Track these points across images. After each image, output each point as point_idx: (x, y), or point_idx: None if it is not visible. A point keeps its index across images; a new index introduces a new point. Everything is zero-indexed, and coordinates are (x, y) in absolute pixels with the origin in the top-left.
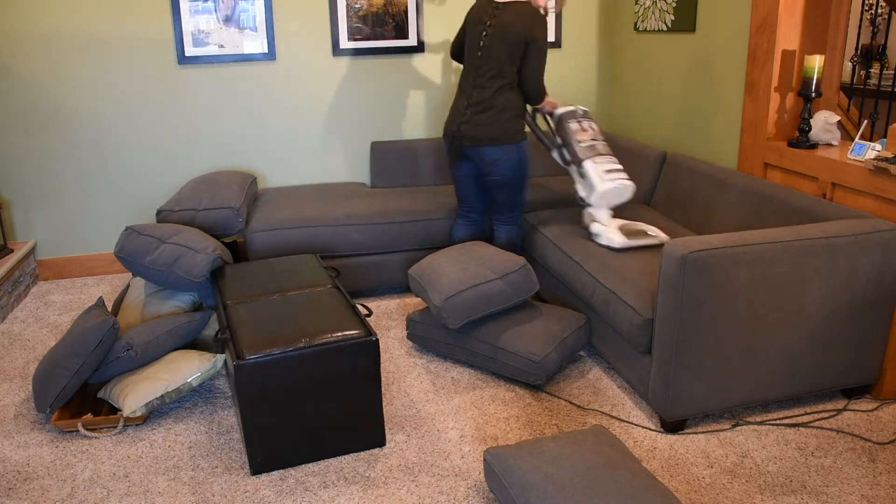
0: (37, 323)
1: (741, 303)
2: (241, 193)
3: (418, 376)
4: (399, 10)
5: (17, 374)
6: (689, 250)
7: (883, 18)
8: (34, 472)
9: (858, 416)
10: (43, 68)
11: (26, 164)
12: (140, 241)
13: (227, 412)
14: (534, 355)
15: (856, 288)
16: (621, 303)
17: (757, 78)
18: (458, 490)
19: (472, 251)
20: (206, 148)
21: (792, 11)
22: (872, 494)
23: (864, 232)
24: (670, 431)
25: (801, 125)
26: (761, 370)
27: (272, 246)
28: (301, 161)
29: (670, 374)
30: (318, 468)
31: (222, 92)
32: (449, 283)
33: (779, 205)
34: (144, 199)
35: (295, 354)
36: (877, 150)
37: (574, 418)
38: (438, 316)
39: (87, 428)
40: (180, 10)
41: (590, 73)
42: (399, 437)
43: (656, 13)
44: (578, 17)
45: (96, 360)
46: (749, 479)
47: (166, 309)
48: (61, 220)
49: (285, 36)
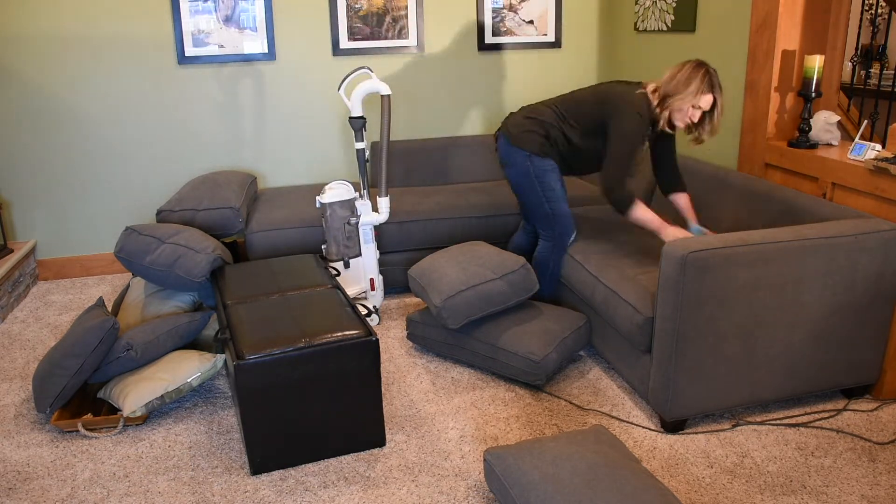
0: (37, 323)
1: (741, 303)
2: (241, 193)
3: (418, 376)
4: (399, 10)
5: (17, 374)
6: (689, 250)
7: (883, 18)
8: (34, 472)
9: (858, 416)
10: (43, 68)
11: (26, 164)
12: (140, 241)
13: (227, 412)
14: (534, 355)
15: (856, 288)
16: (622, 301)
17: (757, 78)
18: (458, 490)
19: (472, 251)
20: (206, 148)
21: (792, 11)
22: (872, 494)
23: (864, 232)
24: (670, 431)
25: (801, 125)
26: (761, 370)
27: (272, 246)
28: (301, 161)
29: (670, 373)
30: (318, 468)
31: (222, 92)
32: (449, 283)
33: (779, 205)
34: (144, 199)
35: (295, 354)
36: (877, 150)
37: (574, 418)
38: (438, 316)
39: (87, 428)
40: (180, 10)
41: (590, 73)
42: (399, 437)
43: (656, 13)
44: (578, 17)
45: (96, 360)
46: (749, 479)
47: (166, 309)
48: (61, 220)
49: (285, 36)
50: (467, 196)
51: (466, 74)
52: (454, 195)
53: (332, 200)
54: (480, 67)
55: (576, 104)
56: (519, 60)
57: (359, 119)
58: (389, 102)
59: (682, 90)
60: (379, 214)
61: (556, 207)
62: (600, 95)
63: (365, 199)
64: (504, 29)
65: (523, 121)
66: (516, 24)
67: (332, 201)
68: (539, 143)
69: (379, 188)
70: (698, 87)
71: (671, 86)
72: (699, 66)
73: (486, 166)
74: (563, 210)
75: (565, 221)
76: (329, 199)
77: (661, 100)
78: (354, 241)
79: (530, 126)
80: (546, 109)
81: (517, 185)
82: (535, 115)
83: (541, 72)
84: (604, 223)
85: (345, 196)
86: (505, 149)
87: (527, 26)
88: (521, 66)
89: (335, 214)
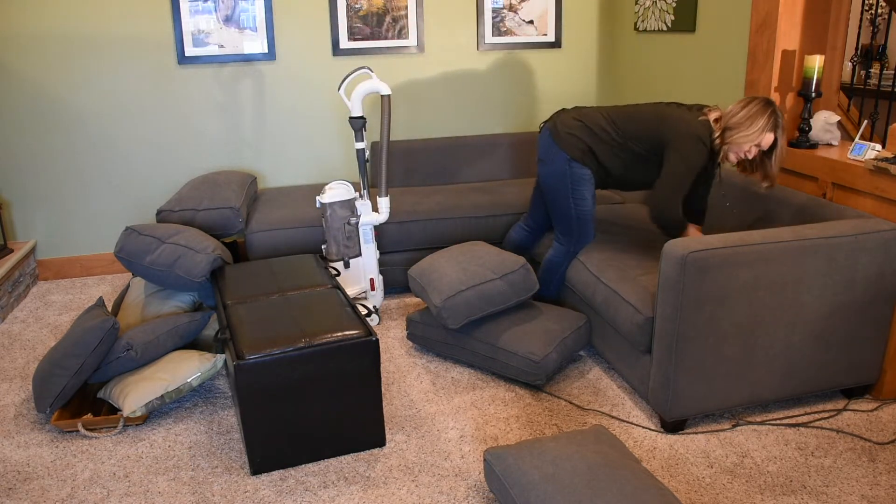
0: (37, 323)
1: (741, 303)
2: (241, 193)
3: (418, 376)
4: (399, 10)
5: (17, 374)
6: (689, 250)
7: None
8: (34, 472)
9: (858, 416)
10: (43, 68)
11: (26, 164)
12: (140, 241)
13: (227, 412)
14: (534, 355)
15: (856, 288)
16: (622, 301)
17: (757, 78)
18: (458, 490)
19: (472, 251)
20: (206, 148)
21: (792, 11)
22: (872, 494)
23: (864, 232)
24: (670, 431)
25: (801, 125)
26: (761, 370)
27: (272, 246)
28: (301, 161)
29: (670, 373)
30: (318, 468)
31: (222, 92)
32: (449, 283)
33: (779, 205)
34: (144, 199)
35: (295, 354)
36: (877, 150)
37: (574, 418)
38: (438, 316)
39: (87, 428)
40: (180, 10)
41: (590, 73)
42: (399, 437)
43: (656, 13)
44: (578, 17)
45: (96, 360)
46: (749, 479)
47: (166, 309)
48: (61, 220)
49: (285, 36)
50: (467, 196)
51: (466, 74)
52: (454, 195)
53: (332, 200)
54: (480, 67)
55: (630, 118)
56: (519, 60)
57: (359, 119)
58: (389, 102)
59: (746, 127)
60: (379, 214)
61: (583, 216)
62: (660, 114)
63: (365, 199)
64: (504, 29)
65: (573, 122)
66: (516, 24)
67: (332, 201)
68: (582, 149)
69: (379, 188)
70: (763, 126)
71: (735, 120)
72: (767, 106)
73: (487, 166)
74: (588, 220)
75: (587, 230)
76: (329, 199)
77: (723, 131)
78: (354, 241)
79: (579, 131)
80: (599, 117)
81: (549, 186)
82: (586, 120)
83: (541, 72)
84: (604, 223)
85: (345, 196)
86: (546, 145)
87: (527, 26)
88: (521, 66)
89: (335, 214)
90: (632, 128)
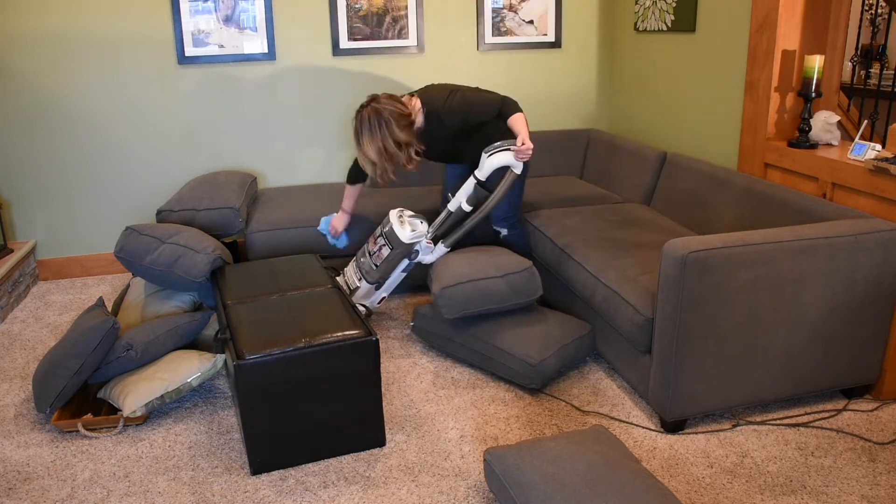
0: (37, 323)
1: (741, 303)
2: (241, 193)
3: (418, 376)
4: (399, 10)
5: (17, 374)
6: (689, 250)
7: (883, 18)
8: (34, 472)
9: (858, 416)
10: (43, 68)
11: (26, 164)
12: (140, 241)
13: (227, 412)
14: (530, 358)
15: (856, 288)
16: (622, 301)
17: (757, 78)
18: (458, 490)
19: (489, 251)
20: (206, 148)
21: (792, 11)
22: (872, 494)
23: (864, 232)
24: (670, 431)
25: (801, 125)
26: (761, 370)
27: (272, 246)
28: (301, 161)
29: (670, 374)
30: (318, 468)
31: (222, 92)
32: (451, 274)
33: (779, 205)
34: (144, 199)
35: (295, 354)
36: (877, 150)
37: (574, 418)
38: (435, 303)
39: (87, 428)
40: (180, 10)
41: (590, 73)
42: (399, 437)
43: (656, 13)
44: (578, 17)
45: (96, 360)
46: (749, 479)
47: (166, 309)
48: (61, 220)
49: (285, 36)
50: None
51: (466, 74)
52: None
53: (411, 241)
54: (480, 67)
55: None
56: (519, 60)
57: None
58: (513, 180)
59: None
60: (429, 256)
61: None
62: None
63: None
64: (504, 29)
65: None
66: (516, 24)
67: (410, 242)
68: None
69: (447, 240)
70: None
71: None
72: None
73: None
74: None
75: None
76: (409, 239)
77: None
78: (385, 272)
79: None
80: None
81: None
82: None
83: (541, 72)
84: (605, 223)
85: (420, 238)
86: None
87: (527, 26)
88: (521, 66)
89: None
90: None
